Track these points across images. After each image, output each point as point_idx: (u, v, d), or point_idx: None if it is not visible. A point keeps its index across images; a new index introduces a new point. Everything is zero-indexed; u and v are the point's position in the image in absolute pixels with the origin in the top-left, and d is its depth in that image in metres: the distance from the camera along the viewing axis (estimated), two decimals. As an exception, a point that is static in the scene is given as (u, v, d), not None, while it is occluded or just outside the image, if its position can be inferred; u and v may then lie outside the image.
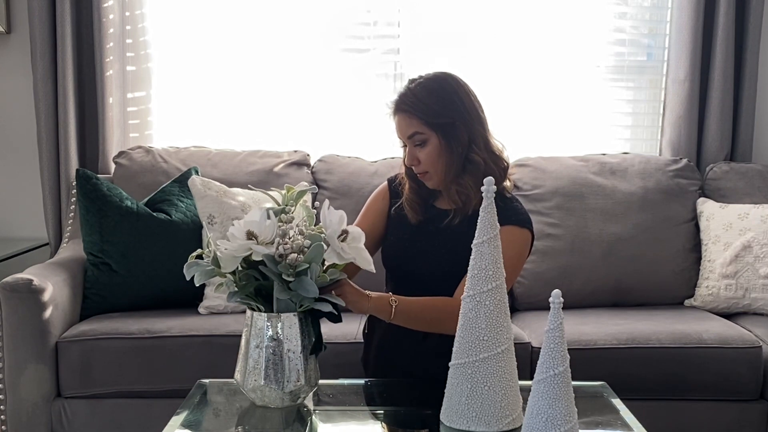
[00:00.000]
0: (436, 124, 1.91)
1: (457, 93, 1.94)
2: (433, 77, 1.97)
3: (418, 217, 2.03)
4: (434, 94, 1.93)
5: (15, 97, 3.19)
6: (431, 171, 1.95)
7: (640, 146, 3.33)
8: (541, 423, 1.45)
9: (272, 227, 1.63)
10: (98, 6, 3.00)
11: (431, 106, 1.91)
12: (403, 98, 1.95)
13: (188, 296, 2.64)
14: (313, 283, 1.61)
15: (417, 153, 1.94)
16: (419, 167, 1.96)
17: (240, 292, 1.67)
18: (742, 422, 2.43)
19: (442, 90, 1.94)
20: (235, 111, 3.24)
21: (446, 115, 1.92)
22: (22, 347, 2.36)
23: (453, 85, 1.95)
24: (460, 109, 1.93)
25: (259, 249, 1.59)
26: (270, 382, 1.66)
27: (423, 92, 1.93)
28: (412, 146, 1.95)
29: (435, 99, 1.92)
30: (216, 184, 2.72)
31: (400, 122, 1.96)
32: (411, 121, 1.93)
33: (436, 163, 1.94)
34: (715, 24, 3.10)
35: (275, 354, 1.66)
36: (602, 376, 2.00)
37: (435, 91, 1.93)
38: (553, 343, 1.45)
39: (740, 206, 2.87)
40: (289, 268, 1.60)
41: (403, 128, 1.95)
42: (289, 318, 1.66)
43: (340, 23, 3.22)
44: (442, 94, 1.93)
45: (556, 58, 3.23)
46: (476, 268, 1.59)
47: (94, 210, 2.60)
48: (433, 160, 1.93)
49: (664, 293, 2.87)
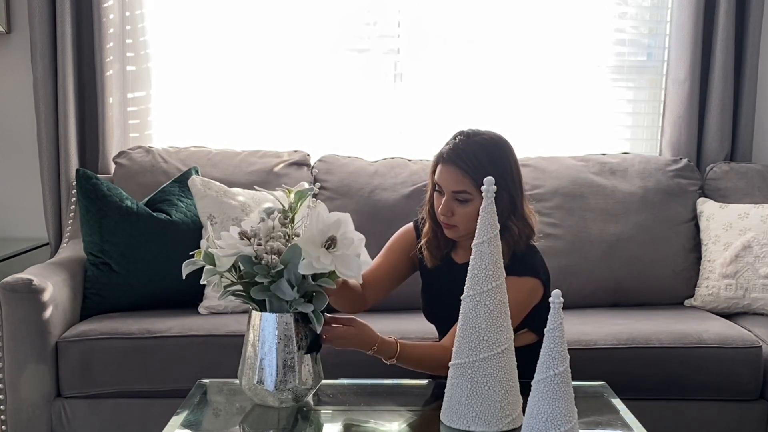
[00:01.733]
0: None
1: (509, 160, 1.95)
2: (491, 140, 1.96)
3: (435, 261, 2.05)
4: (492, 160, 1.92)
5: (15, 97, 3.18)
6: (461, 227, 1.95)
7: (640, 146, 3.32)
8: (541, 423, 1.45)
9: (264, 228, 1.64)
10: (98, 6, 3.00)
11: (486, 170, 1.87)
12: (461, 154, 1.92)
13: (188, 296, 2.64)
14: (288, 286, 1.62)
15: (455, 208, 1.93)
16: (451, 220, 1.94)
17: (229, 289, 1.69)
18: (742, 422, 2.43)
19: (498, 156, 1.94)
20: (235, 111, 3.24)
21: (497, 183, 1.87)
22: (22, 347, 2.36)
23: (507, 152, 1.96)
24: (510, 178, 1.94)
25: (246, 250, 1.61)
26: (266, 382, 1.67)
27: (482, 154, 1.91)
28: (453, 200, 1.93)
29: (491, 165, 1.90)
30: (216, 184, 2.72)
31: (450, 175, 1.93)
32: (463, 179, 1.91)
33: (470, 223, 1.89)
34: (715, 24, 3.10)
35: (270, 353, 1.66)
36: (602, 376, 2.00)
37: (493, 156, 1.93)
38: (553, 343, 1.45)
39: (740, 206, 2.87)
40: (265, 269, 1.60)
41: (451, 181, 1.93)
42: (285, 317, 1.66)
43: (340, 23, 3.22)
44: (497, 160, 1.93)
45: (556, 58, 3.23)
46: (476, 268, 1.59)
47: (94, 210, 2.60)
48: (469, 219, 1.90)
49: (664, 293, 2.87)
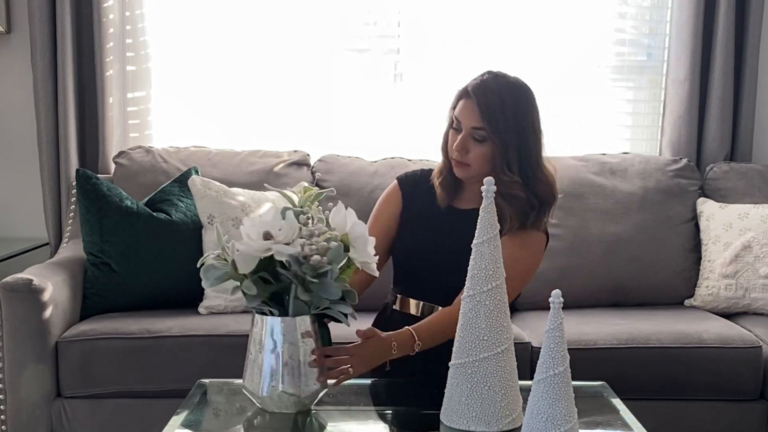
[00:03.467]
0: (502, 134, 1.87)
1: (533, 107, 1.92)
2: (518, 84, 1.92)
3: (448, 200, 2.00)
4: (516, 103, 1.88)
5: (15, 97, 3.18)
6: (473, 167, 1.90)
7: (640, 146, 3.33)
8: (541, 423, 1.45)
9: (290, 228, 1.59)
10: (98, 6, 3.00)
11: (508, 114, 1.86)
12: (487, 91, 1.88)
13: (188, 296, 2.64)
14: (335, 285, 1.59)
15: (471, 146, 1.89)
16: (465, 157, 1.90)
17: (262, 294, 1.61)
18: (742, 422, 2.43)
19: (524, 102, 1.90)
20: (235, 111, 3.24)
21: (514, 130, 1.87)
22: (22, 347, 2.36)
23: (532, 99, 1.92)
24: (532, 126, 1.91)
25: (284, 249, 1.55)
26: (289, 387, 1.63)
27: (507, 94, 1.88)
28: (470, 137, 1.89)
29: (514, 108, 1.87)
30: (216, 184, 2.72)
31: (471, 110, 1.88)
32: (481, 118, 1.87)
33: (484, 164, 1.90)
34: (715, 24, 3.10)
35: (292, 359, 1.63)
36: (602, 376, 2.00)
37: (518, 100, 1.89)
38: (553, 343, 1.45)
39: (740, 206, 2.87)
40: (312, 269, 1.57)
41: (470, 117, 1.88)
42: (305, 321, 1.63)
43: (340, 23, 3.22)
44: (522, 105, 1.89)
45: (556, 58, 3.23)
46: (476, 268, 1.59)
47: (94, 210, 2.60)
48: (484, 160, 1.89)
49: (664, 293, 2.87)
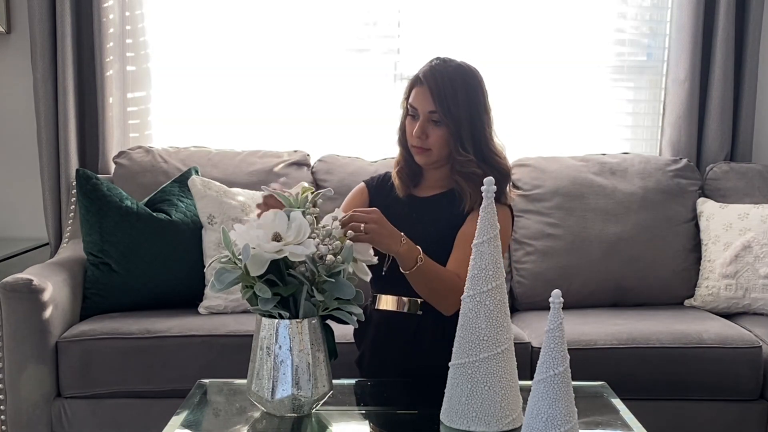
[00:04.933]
0: (455, 115, 1.93)
1: (482, 87, 1.99)
2: (466, 67, 2.00)
3: (407, 190, 2.05)
4: (466, 84, 1.95)
5: (15, 97, 3.18)
6: (434, 151, 1.96)
7: (640, 146, 3.33)
8: (541, 423, 1.45)
9: (299, 228, 1.57)
10: (98, 6, 3.00)
11: (458, 95, 1.93)
12: (437, 76, 1.95)
13: (188, 296, 2.64)
14: (349, 284, 1.59)
15: (429, 129, 1.95)
16: (425, 142, 1.95)
17: (285, 292, 1.58)
18: (742, 422, 2.43)
19: (473, 83, 1.97)
20: (235, 111, 3.24)
21: (465, 110, 1.94)
22: (22, 347, 2.36)
23: (480, 80, 1.99)
24: (482, 105, 1.97)
25: (299, 250, 1.54)
26: (298, 390, 1.62)
27: (457, 77, 1.95)
28: (428, 121, 1.95)
29: (465, 89, 1.94)
30: (216, 184, 2.72)
31: (424, 95, 1.95)
32: (434, 101, 1.93)
33: (444, 147, 1.96)
34: (715, 24, 3.10)
35: (301, 361, 1.61)
36: (602, 376, 2.00)
37: (467, 82, 1.96)
38: (553, 343, 1.45)
39: (740, 206, 2.87)
40: (327, 269, 1.56)
41: (424, 102, 1.95)
42: (313, 323, 1.62)
43: (340, 23, 3.22)
44: (471, 87, 1.96)
45: (556, 58, 3.23)
46: (476, 268, 1.59)
47: (94, 210, 2.60)
48: (443, 143, 1.95)
49: (664, 293, 2.87)
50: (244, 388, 1.72)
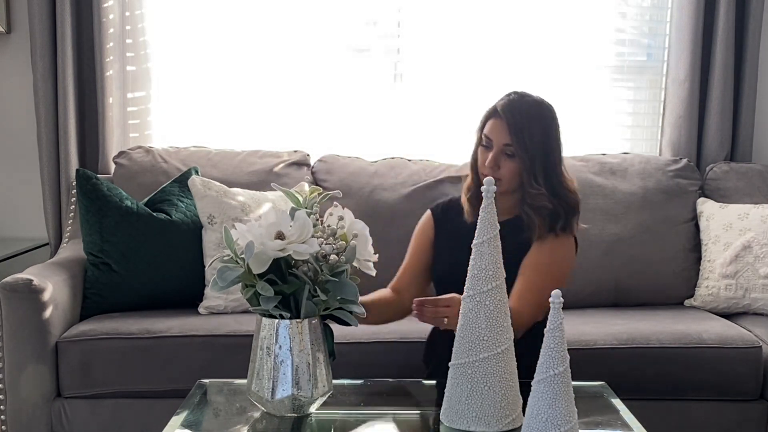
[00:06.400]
0: (529, 150, 1.99)
1: (555, 123, 2.06)
2: (542, 102, 2.06)
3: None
4: (541, 119, 2.03)
5: (15, 97, 3.18)
6: (504, 181, 2.00)
7: (640, 146, 3.33)
8: (541, 423, 1.45)
9: (302, 227, 1.57)
10: (98, 6, 3.00)
11: (533, 131, 1.99)
12: (515, 110, 2.01)
13: (188, 296, 2.64)
14: (352, 284, 1.59)
15: (501, 161, 2.01)
16: (497, 173, 2.00)
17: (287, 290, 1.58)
18: (742, 422, 2.43)
19: (548, 118, 2.05)
20: (235, 111, 3.24)
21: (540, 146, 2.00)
22: (22, 347, 2.36)
23: (554, 116, 2.06)
24: (555, 141, 2.04)
25: (303, 248, 1.54)
26: (299, 390, 1.62)
27: (534, 111, 2.02)
28: (501, 153, 2.01)
29: (539, 123, 2.01)
30: (216, 184, 2.72)
31: (500, 128, 2.01)
32: (510, 135, 1.99)
33: (514, 178, 2.01)
34: (715, 24, 3.10)
35: (302, 361, 1.61)
36: (602, 376, 2.00)
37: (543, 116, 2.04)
38: (553, 343, 1.45)
39: (740, 206, 2.87)
40: (330, 268, 1.57)
41: (500, 135, 2.01)
42: (314, 323, 1.62)
43: (340, 23, 3.22)
44: (546, 121, 2.03)
45: (556, 58, 3.23)
46: (476, 268, 1.59)
47: (94, 210, 2.59)
48: (514, 174, 2.01)
49: (664, 293, 2.87)
50: (244, 388, 1.72)
